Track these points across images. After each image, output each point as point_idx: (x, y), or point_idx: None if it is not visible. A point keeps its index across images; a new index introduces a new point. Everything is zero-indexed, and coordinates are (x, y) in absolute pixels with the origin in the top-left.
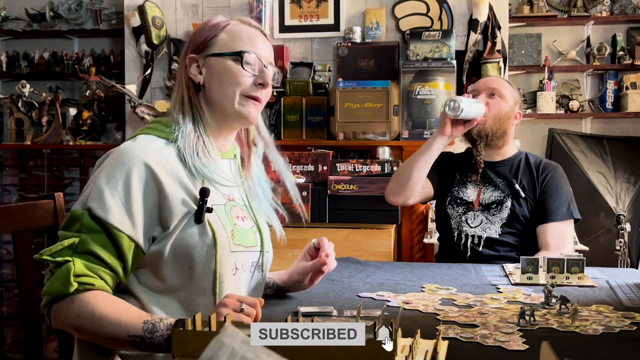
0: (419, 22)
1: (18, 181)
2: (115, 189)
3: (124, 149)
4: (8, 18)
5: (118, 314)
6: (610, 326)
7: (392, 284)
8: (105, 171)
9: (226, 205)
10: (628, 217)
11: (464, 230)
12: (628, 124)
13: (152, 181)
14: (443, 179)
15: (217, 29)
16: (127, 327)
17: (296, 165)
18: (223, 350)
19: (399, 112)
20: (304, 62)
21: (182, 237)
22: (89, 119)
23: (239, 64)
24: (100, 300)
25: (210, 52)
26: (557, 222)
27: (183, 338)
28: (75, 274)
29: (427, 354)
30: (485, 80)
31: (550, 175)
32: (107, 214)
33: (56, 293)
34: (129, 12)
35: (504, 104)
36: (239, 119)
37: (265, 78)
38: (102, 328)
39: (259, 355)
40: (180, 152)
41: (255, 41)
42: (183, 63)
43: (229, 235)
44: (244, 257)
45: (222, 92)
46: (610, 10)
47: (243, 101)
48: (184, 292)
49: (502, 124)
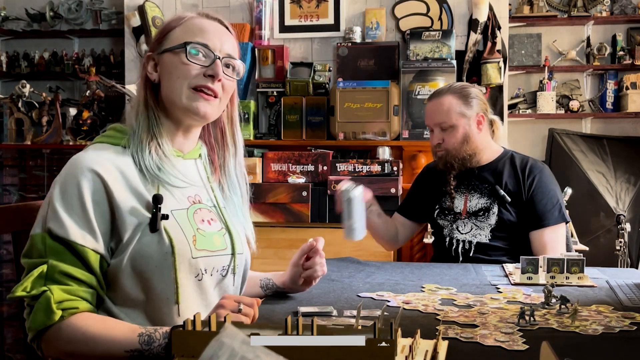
0: (419, 22)
1: (18, 181)
2: (70, 204)
3: (73, 160)
4: (8, 18)
5: (111, 331)
6: (610, 326)
7: (392, 284)
8: (58, 187)
9: (189, 209)
10: (628, 217)
11: (455, 237)
12: (628, 124)
13: (103, 190)
14: (430, 195)
15: (172, 24)
16: (123, 343)
17: (296, 165)
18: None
19: (399, 112)
20: (304, 62)
21: (139, 248)
22: (89, 119)
23: (184, 55)
24: (89, 321)
25: (162, 48)
26: (550, 226)
27: (183, 338)
28: (55, 301)
29: (427, 354)
30: (429, 112)
31: (538, 178)
32: (67, 232)
33: (42, 326)
34: (129, 12)
35: (457, 132)
36: (188, 113)
37: (215, 69)
38: (97, 348)
39: (259, 356)
40: (133, 156)
41: (209, 33)
42: (142, 62)
43: (190, 241)
44: (210, 261)
45: (171, 87)
46: (610, 10)
47: (192, 95)
48: (148, 304)
49: (466, 146)
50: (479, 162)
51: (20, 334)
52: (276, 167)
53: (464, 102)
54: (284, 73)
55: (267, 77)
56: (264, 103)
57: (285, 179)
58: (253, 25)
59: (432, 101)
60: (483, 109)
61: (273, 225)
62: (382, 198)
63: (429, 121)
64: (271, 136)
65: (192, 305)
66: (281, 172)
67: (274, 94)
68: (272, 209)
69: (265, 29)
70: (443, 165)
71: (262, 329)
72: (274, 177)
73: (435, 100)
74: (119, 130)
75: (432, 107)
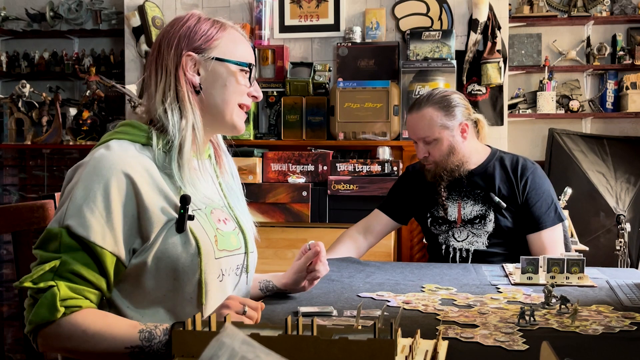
0: (419, 22)
1: (18, 181)
2: (95, 204)
3: (99, 159)
4: (8, 18)
5: (111, 328)
6: (610, 326)
7: (392, 284)
8: (82, 185)
9: (206, 209)
10: (628, 217)
11: (451, 245)
12: (628, 124)
13: (132, 192)
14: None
15: (216, 31)
16: (124, 339)
17: (296, 165)
18: (223, 350)
19: (399, 112)
20: (304, 62)
21: (164, 248)
22: (89, 119)
23: (245, 75)
24: (90, 318)
25: (213, 55)
26: (548, 228)
27: (183, 338)
28: (61, 298)
29: (427, 354)
30: (411, 125)
31: (531, 180)
32: (87, 232)
33: (43, 320)
34: (129, 12)
35: (442, 144)
36: (232, 128)
37: (258, 92)
38: (98, 345)
39: (259, 355)
40: (156, 155)
41: (250, 51)
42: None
43: (213, 242)
44: (229, 261)
45: (223, 100)
46: (610, 10)
47: (239, 111)
48: (170, 303)
49: (453, 157)
50: (468, 168)
51: (21, 334)
52: (276, 167)
53: (445, 113)
54: (284, 73)
55: (267, 77)
56: (264, 103)
57: (285, 179)
58: (253, 25)
59: (413, 114)
60: (466, 116)
61: (273, 225)
62: (382, 198)
63: (411, 135)
64: (271, 136)
65: (215, 306)
66: (281, 172)
67: (274, 94)
68: (272, 209)
69: (265, 29)
70: (432, 178)
71: (262, 329)
72: (274, 177)
73: (415, 114)
74: (137, 126)
75: (413, 120)
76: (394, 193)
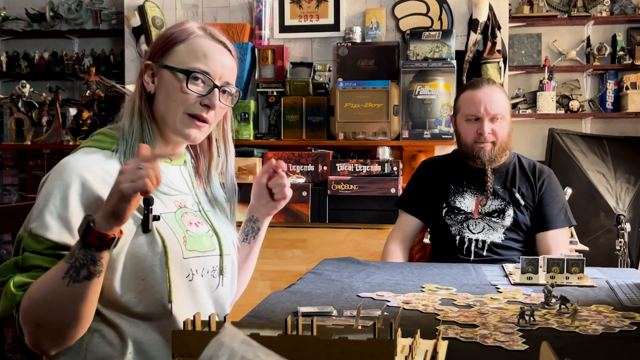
0: (419, 22)
1: (18, 181)
2: (53, 205)
3: (62, 164)
4: (8, 18)
5: (45, 276)
6: (610, 326)
7: (392, 284)
8: (44, 190)
9: (177, 212)
10: (628, 217)
11: (466, 235)
12: (628, 124)
13: (92, 194)
14: (433, 192)
15: (177, 39)
16: (57, 273)
17: (296, 165)
18: (223, 350)
19: (399, 112)
20: (304, 62)
21: (132, 249)
22: (89, 119)
23: (184, 83)
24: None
25: (164, 63)
26: (557, 229)
27: (183, 338)
28: (15, 285)
29: (427, 354)
30: (484, 100)
31: (547, 182)
32: (45, 231)
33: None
34: (129, 12)
35: (506, 124)
36: (179, 136)
37: (212, 99)
38: (46, 298)
39: (259, 355)
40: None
41: (212, 58)
42: (140, 67)
43: (181, 242)
44: (200, 262)
45: (166, 108)
46: (610, 10)
47: (186, 120)
48: (142, 305)
49: (507, 142)
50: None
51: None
52: None
53: (507, 97)
54: (284, 73)
55: (267, 77)
56: (264, 103)
57: None
58: (253, 25)
59: (486, 89)
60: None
61: (273, 225)
62: (382, 198)
63: (481, 111)
64: (271, 136)
65: (184, 305)
66: None
67: (274, 94)
68: None
69: (265, 29)
70: (488, 158)
71: (262, 329)
72: None
73: (489, 89)
74: (108, 134)
75: (487, 94)
76: (415, 191)
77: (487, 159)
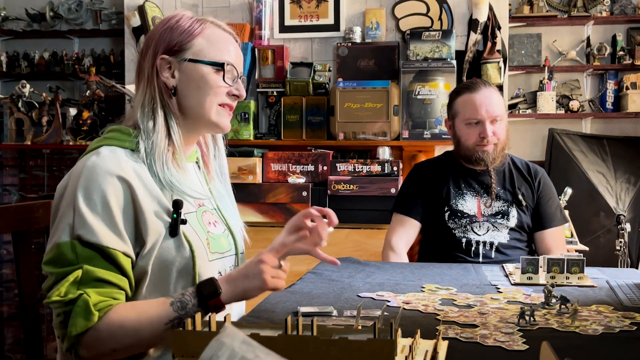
0: (419, 22)
1: (18, 181)
2: (96, 210)
3: (92, 166)
4: (8, 18)
5: (145, 312)
6: (610, 326)
7: (392, 284)
8: (81, 194)
9: (197, 212)
10: (628, 217)
11: (472, 238)
12: (628, 124)
13: (129, 196)
14: (433, 195)
15: (193, 32)
16: (161, 317)
17: (296, 165)
18: (223, 350)
19: (399, 112)
20: (304, 62)
21: (159, 254)
22: (89, 119)
23: (219, 74)
24: (122, 312)
25: (186, 57)
26: (556, 227)
27: (183, 338)
28: (93, 303)
29: (427, 354)
30: (484, 102)
31: (543, 181)
32: (97, 237)
33: (83, 329)
34: (129, 12)
35: (504, 125)
36: (214, 128)
37: (240, 90)
38: (140, 333)
39: (259, 355)
40: (145, 162)
41: (230, 48)
42: (151, 63)
43: (205, 245)
44: (221, 264)
45: (198, 101)
46: (610, 10)
47: (220, 111)
48: None
49: (506, 142)
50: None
51: (20, 334)
52: (276, 167)
53: (502, 97)
54: (284, 73)
55: (267, 77)
56: (264, 103)
57: (285, 179)
58: (253, 25)
59: (484, 92)
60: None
61: (273, 225)
62: (382, 198)
63: (481, 113)
64: (271, 136)
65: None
66: (281, 172)
67: (274, 94)
68: (272, 209)
69: (265, 29)
70: (491, 159)
71: (262, 329)
72: (274, 177)
73: (488, 91)
74: (124, 132)
75: (486, 96)
76: (412, 193)
77: (490, 160)
